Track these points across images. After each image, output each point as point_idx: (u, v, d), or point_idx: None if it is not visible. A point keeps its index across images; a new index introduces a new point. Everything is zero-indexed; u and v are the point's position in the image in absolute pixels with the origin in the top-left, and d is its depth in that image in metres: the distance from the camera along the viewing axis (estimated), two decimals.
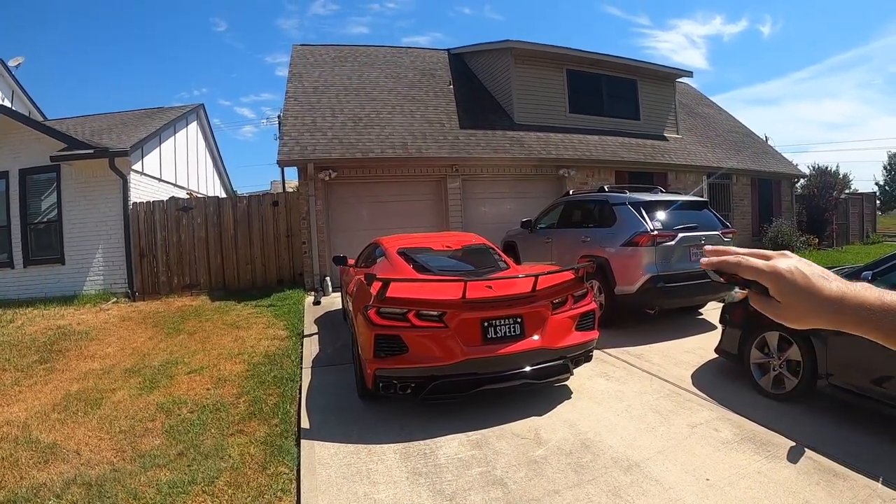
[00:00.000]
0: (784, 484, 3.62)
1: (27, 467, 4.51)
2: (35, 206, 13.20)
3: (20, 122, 13.15)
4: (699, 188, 16.50)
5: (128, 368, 7.15)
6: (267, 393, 5.92)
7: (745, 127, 22.91)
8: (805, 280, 0.89)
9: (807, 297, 0.88)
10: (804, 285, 0.88)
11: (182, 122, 17.98)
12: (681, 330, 7.93)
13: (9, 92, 20.01)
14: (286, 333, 8.56)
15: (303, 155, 12.85)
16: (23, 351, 8.20)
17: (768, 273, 0.92)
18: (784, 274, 0.90)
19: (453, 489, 3.78)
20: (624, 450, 4.25)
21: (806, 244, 17.65)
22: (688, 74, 18.99)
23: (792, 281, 0.89)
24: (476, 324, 4.85)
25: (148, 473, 4.25)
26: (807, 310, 0.89)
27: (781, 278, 0.90)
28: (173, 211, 13.24)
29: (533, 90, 16.17)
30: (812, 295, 0.88)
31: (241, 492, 3.92)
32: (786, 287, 0.90)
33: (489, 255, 6.92)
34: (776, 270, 0.91)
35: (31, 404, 6.00)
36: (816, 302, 0.88)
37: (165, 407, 5.65)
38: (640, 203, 8.15)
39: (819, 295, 0.87)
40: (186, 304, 11.66)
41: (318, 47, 19.02)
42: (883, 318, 0.82)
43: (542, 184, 15.16)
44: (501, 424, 4.81)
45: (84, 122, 16.45)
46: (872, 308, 0.83)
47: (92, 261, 12.86)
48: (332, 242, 13.27)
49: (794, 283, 0.89)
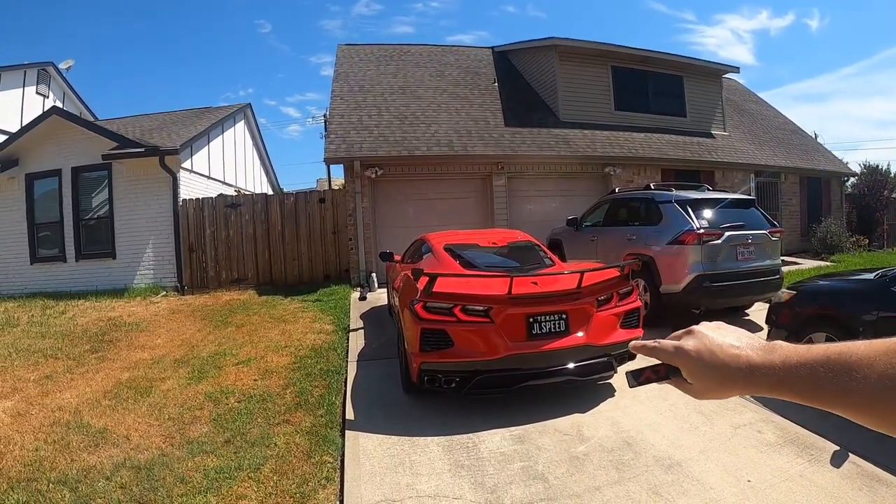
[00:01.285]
0: (826, 488, 3.54)
1: (78, 450, 4.66)
2: (86, 203, 13.65)
3: (72, 122, 13.70)
4: (746, 187, 16.20)
5: (177, 359, 7.33)
6: (313, 385, 6.01)
7: (793, 124, 22.33)
8: (711, 356, 0.86)
9: (715, 371, 0.86)
10: (710, 361, 0.86)
11: (230, 121, 18.34)
12: None
13: (60, 93, 20.71)
14: (332, 328, 8.65)
15: (349, 153, 12.99)
16: (75, 341, 8.47)
17: (674, 354, 0.91)
18: (690, 353, 0.89)
19: (495, 482, 3.79)
20: (666, 449, 4.21)
21: (855, 245, 17.16)
22: (734, 70, 18.57)
23: (698, 359, 0.88)
24: (521, 319, 4.85)
25: (195, 459, 4.36)
26: (717, 385, 0.87)
27: (687, 356, 0.89)
28: (222, 207, 13.51)
29: (578, 87, 16.04)
30: (718, 369, 0.86)
31: (286, 479, 4.00)
32: (692, 366, 0.88)
33: (535, 252, 6.91)
34: (680, 351, 0.90)
35: (83, 391, 6.20)
36: (725, 376, 0.85)
37: (213, 396, 5.79)
38: (687, 201, 8.04)
39: (726, 369, 0.85)
40: (234, 298, 11.88)
41: (362, 46, 19.18)
42: (797, 379, 0.78)
43: (587, 182, 15.04)
44: (544, 420, 4.81)
45: (134, 122, 16.91)
46: (776, 372, 0.80)
47: (142, 255, 13.23)
48: (378, 239, 13.35)
49: (701, 360, 0.87)
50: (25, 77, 19.15)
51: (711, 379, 0.87)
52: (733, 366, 0.84)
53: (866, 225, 20.14)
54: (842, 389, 0.72)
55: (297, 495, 3.80)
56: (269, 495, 3.82)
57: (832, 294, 5.40)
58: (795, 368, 0.78)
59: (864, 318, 4.74)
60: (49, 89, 20.17)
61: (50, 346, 8.13)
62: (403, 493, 3.72)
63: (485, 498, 3.63)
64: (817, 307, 5.33)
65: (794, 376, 0.78)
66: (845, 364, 0.73)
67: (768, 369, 0.80)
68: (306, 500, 3.77)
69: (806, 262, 14.65)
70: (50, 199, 13.56)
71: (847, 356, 0.73)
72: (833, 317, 5.11)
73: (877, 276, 5.14)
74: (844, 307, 5.05)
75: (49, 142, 13.45)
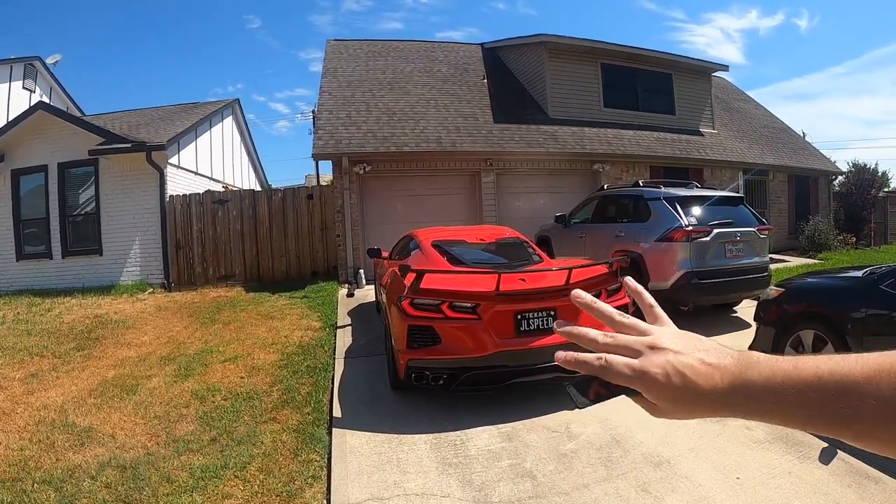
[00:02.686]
0: (815, 485, 3.55)
1: (63, 450, 4.63)
2: (73, 199, 13.51)
3: (59, 117, 13.53)
4: (735, 185, 16.26)
5: (163, 356, 7.28)
6: (300, 382, 5.98)
7: (781, 122, 22.44)
8: (683, 380, 0.71)
9: (688, 397, 0.72)
10: (682, 386, 0.72)
11: (217, 116, 18.21)
12: (714, 327, 7.80)
13: (47, 88, 20.56)
14: (320, 325, 8.62)
15: (337, 149, 12.93)
16: (60, 338, 8.40)
17: (637, 379, 0.74)
18: (658, 378, 0.72)
19: (482, 480, 3.78)
20: (655, 446, 4.21)
21: (843, 243, 17.25)
22: (724, 68, 18.62)
23: (667, 384, 0.72)
24: (509, 316, 4.84)
25: (181, 458, 4.34)
26: (691, 409, 0.73)
27: (654, 383, 0.73)
28: (209, 204, 13.41)
29: (567, 84, 16.04)
30: (693, 394, 0.71)
31: (273, 477, 3.97)
32: (661, 392, 0.73)
33: (523, 249, 6.90)
34: (645, 376, 0.73)
35: (68, 389, 6.15)
36: (700, 401, 0.72)
37: (200, 394, 5.75)
38: (675, 198, 8.05)
39: (701, 392, 0.71)
40: (221, 294, 11.81)
41: (351, 42, 19.13)
42: (784, 404, 0.66)
43: (576, 178, 15.04)
44: (532, 417, 4.80)
45: (121, 118, 16.81)
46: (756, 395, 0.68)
47: (129, 252, 13.11)
48: (366, 235, 13.31)
49: (672, 385, 0.72)
50: (12, 72, 18.98)
51: (679, 402, 0.73)
52: (707, 388, 0.71)
53: (854, 223, 20.23)
54: (842, 417, 0.62)
55: (284, 494, 3.77)
56: (255, 494, 3.79)
57: (820, 291, 5.41)
58: (781, 391, 0.66)
59: (852, 316, 4.75)
60: (36, 84, 20.03)
61: (35, 344, 8.06)
62: (391, 491, 3.70)
63: (473, 496, 3.61)
64: (805, 305, 5.34)
65: (781, 400, 0.66)
66: (842, 387, 0.63)
67: (748, 391, 0.69)
68: (293, 498, 3.74)
69: (794, 260, 14.73)
70: (36, 196, 13.41)
71: (842, 376, 0.63)
72: (821, 314, 5.12)
73: (865, 273, 5.16)
74: (833, 304, 5.06)
75: (35, 137, 13.29)
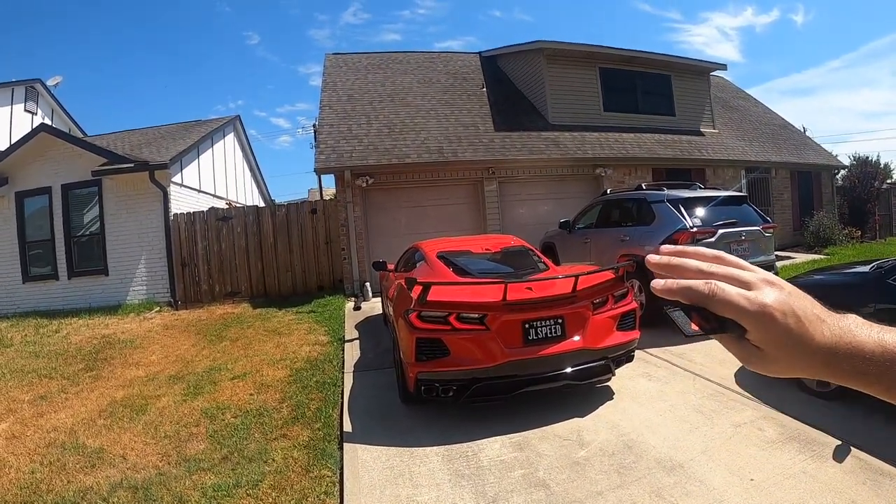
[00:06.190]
0: (829, 484, 3.52)
1: (74, 472, 4.61)
2: (77, 220, 13.56)
3: (61, 139, 13.61)
4: (738, 184, 16.23)
5: (172, 375, 7.27)
6: (309, 398, 5.97)
7: (782, 119, 22.41)
8: (798, 324, 0.64)
9: (797, 344, 0.64)
10: (797, 331, 0.64)
11: (219, 133, 18.31)
12: None
13: (48, 110, 20.64)
14: (327, 339, 8.61)
15: (339, 162, 12.96)
16: (69, 360, 8.41)
17: (753, 313, 0.64)
18: (776, 316, 0.64)
19: (496, 491, 3.76)
20: (667, 450, 4.18)
21: (848, 237, 17.20)
22: (722, 67, 18.61)
23: (784, 325, 0.64)
24: (517, 325, 4.82)
25: (193, 477, 4.32)
26: (792, 363, 0.66)
27: (772, 321, 0.64)
28: (213, 221, 13.44)
29: (566, 90, 16.06)
30: (803, 343, 0.64)
31: (285, 495, 3.95)
32: (774, 333, 0.65)
33: (528, 257, 6.89)
34: (765, 310, 0.64)
35: (78, 411, 6.14)
36: (806, 352, 0.65)
37: (209, 412, 5.74)
38: (679, 200, 8.05)
39: (811, 344, 0.64)
40: (228, 311, 11.82)
41: (350, 55, 19.21)
42: (884, 371, 0.61)
43: (578, 184, 15.05)
44: (543, 426, 4.78)
45: (123, 137, 16.89)
46: (872, 358, 0.62)
47: (135, 271, 13.14)
48: (371, 248, 13.32)
49: (787, 327, 0.64)
50: (13, 95, 19.06)
51: (786, 349, 0.65)
52: (818, 340, 0.64)
53: (858, 217, 20.17)
54: None
55: None
56: None
57: (828, 288, 5.39)
58: (886, 360, 0.61)
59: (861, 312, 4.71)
60: (37, 106, 20.10)
61: (44, 366, 8.07)
62: None
63: None
64: None
65: (886, 370, 0.61)
66: None
67: (855, 354, 0.63)
68: None
69: (800, 256, 14.70)
70: (41, 217, 13.47)
71: None
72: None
73: (872, 268, 5.14)
74: (841, 301, 5.03)
75: (38, 159, 13.37)
